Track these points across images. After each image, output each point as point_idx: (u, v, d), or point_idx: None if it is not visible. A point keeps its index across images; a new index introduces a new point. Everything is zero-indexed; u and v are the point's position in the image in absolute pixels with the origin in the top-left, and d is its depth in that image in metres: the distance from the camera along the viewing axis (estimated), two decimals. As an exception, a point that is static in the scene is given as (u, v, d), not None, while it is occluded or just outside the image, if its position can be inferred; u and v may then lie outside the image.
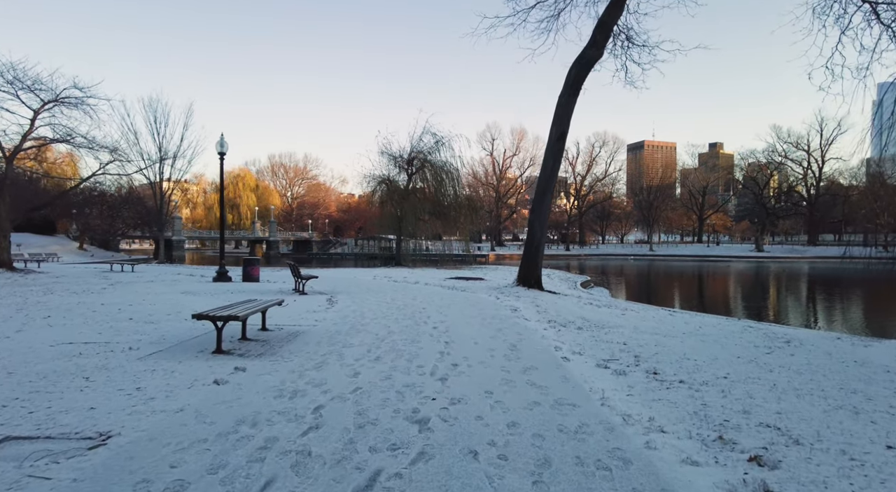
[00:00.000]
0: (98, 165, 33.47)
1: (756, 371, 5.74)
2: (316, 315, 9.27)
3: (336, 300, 11.90)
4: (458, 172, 32.39)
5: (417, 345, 6.51)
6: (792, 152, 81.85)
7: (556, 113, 15.19)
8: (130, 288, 14.21)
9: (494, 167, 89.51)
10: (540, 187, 15.42)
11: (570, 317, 9.85)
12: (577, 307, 11.70)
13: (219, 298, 12.07)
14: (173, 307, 9.97)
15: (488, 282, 19.43)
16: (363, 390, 4.45)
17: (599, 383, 4.99)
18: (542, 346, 6.68)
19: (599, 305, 12.52)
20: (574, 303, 12.78)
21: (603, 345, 7.03)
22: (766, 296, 23.81)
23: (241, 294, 13.23)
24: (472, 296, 13.39)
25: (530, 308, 11.01)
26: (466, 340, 6.96)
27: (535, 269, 15.27)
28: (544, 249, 15.83)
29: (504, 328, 7.96)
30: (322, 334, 7.26)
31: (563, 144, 15.26)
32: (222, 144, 17.93)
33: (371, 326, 8.07)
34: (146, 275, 20.77)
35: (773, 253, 73.64)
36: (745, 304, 20.61)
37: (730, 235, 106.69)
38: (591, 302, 13.23)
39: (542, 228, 15.30)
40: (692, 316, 11.95)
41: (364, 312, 9.76)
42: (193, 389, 4.42)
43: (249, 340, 6.83)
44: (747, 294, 24.90)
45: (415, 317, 9.12)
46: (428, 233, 35.80)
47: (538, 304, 11.87)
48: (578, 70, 14.95)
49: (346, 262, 58.25)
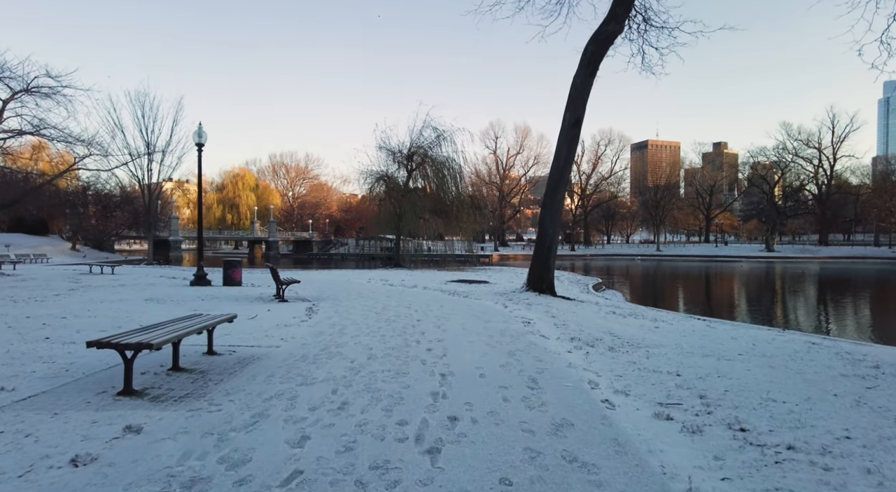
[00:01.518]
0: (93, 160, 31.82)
1: (880, 422, 4.03)
2: (285, 331, 7.59)
3: (317, 309, 10.22)
4: (460, 168, 30.62)
5: (403, 380, 4.81)
6: (802, 150, 79.81)
7: (571, 96, 13.48)
8: (89, 295, 12.56)
9: (498, 166, 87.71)
10: (552, 181, 13.70)
11: (595, 332, 8.13)
12: (599, 318, 9.98)
13: (183, 307, 10.42)
14: (116, 321, 8.29)
15: (493, 286, 17.73)
16: (304, 478, 2.76)
17: (673, 454, 3.28)
18: (572, 380, 4.97)
19: (624, 315, 10.79)
20: (594, 312, 11.06)
21: (650, 377, 5.31)
22: (795, 300, 22.02)
23: (212, 301, 11.57)
24: (476, 303, 11.69)
25: (545, 320, 9.29)
26: (470, 370, 5.26)
27: (547, 272, 13.56)
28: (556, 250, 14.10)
29: (518, 352, 6.25)
30: (281, 362, 5.57)
31: (578, 131, 13.55)
32: (200, 135, 16.30)
33: (349, 347, 6.38)
34: (123, 278, 19.14)
35: (784, 253, 71.65)
36: (778, 309, 18.82)
37: (737, 234, 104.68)
38: (613, 310, 11.51)
39: (554, 226, 13.58)
40: (734, 327, 10.21)
41: (346, 325, 8.06)
42: (28, 477, 2.73)
43: (182, 371, 5.14)
44: (774, 298, 23.10)
45: (406, 333, 7.42)
46: (429, 233, 34.00)
47: (554, 314, 10.15)
48: (596, 47, 13.23)
49: (347, 262, 56.69)
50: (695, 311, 16.69)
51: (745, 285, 29.59)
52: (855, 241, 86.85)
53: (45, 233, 56.26)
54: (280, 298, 12.03)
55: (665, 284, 31.56)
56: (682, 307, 18.13)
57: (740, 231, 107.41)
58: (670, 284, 31.20)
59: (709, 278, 34.73)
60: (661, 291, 26.64)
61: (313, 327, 7.90)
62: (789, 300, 21.97)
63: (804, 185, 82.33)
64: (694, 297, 23.36)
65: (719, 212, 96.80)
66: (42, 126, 18.13)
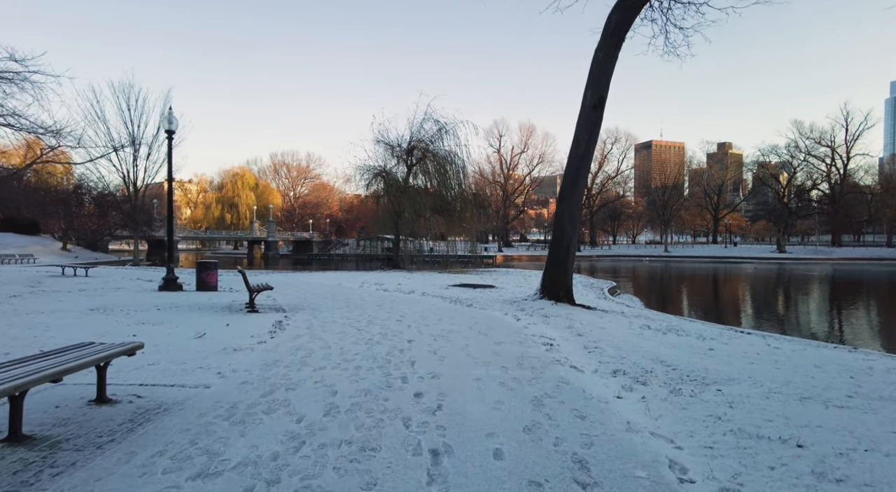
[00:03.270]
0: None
1: None
2: (231, 359, 5.71)
3: (288, 324, 8.35)
4: (463, 164, 28.58)
5: (369, 468, 2.91)
6: (815, 148, 77.49)
7: (592, 73, 11.58)
8: (30, 302, 10.75)
9: (502, 165, 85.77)
10: (570, 171, 11.78)
11: (639, 359, 6.23)
12: (635, 336, 8.06)
13: (131, 319, 8.68)
14: (15, 343, 6.44)
15: (501, 291, 15.83)
16: None
17: None
18: (644, 464, 3.06)
19: (662, 330, 8.87)
20: (625, 326, 9.15)
21: (760, 452, 3.39)
22: (831, 306, 20.03)
23: (169, 312, 9.73)
24: (483, 315, 9.78)
25: (571, 339, 7.38)
26: (478, 441, 3.36)
27: (565, 276, 11.64)
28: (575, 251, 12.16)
29: (547, 398, 4.34)
30: (194, 420, 3.69)
31: (600, 113, 11.64)
32: (170, 121, 14.47)
33: (304, 390, 4.49)
34: (90, 282, 17.36)
35: (797, 254, 69.47)
36: (819, 318, 16.84)
37: (744, 235, 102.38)
38: (646, 324, 9.59)
39: (573, 222, 11.65)
40: (801, 346, 8.25)
41: (312, 351, 6.17)
42: None
43: (20, 443, 3.26)
44: (807, 303, 21.11)
45: (390, 363, 5.53)
46: (430, 232, 31.98)
47: (579, 330, 8.25)
48: (621, 14, 11.33)
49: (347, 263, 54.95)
50: (729, 320, 14.75)
51: (769, 289, 27.54)
52: (866, 242, 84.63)
53: (36, 233, 54.76)
54: (250, 308, 10.18)
55: (682, 287, 29.56)
56: (712, 315, 16.20)
57: (748, 232, 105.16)
58: (688, 288, 29.20)
59: (727, 281, 32.71)
60: (682, 296, 24.65)
61: (270, 353, 6.01)
62: (823, 306, 19.98)
63: (817, 184, 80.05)
64: (720, 302, 21.35)
65: (728, 212, 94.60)
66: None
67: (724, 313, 16.77)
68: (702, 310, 18.43)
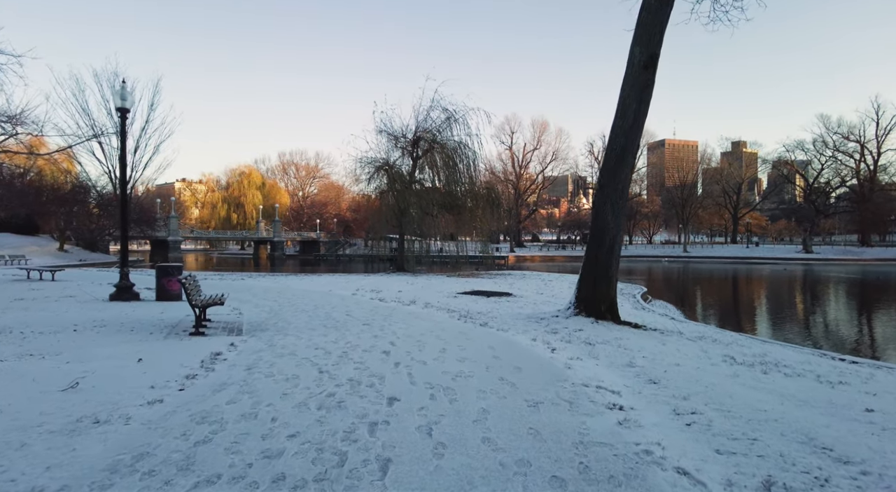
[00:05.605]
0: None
1: None
2: (72, 444, 3.21)
3: (227, 358, 5.87)
4: (474, 155, 25.81)
5: None
6: (843, 144, 73.65)
7: (641, 22, 8.96)
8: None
9: (514, 162, 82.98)
10: (614, 149, 9.13)
11: (780, 443, 3.62)
12: (733, 383, 5.42)
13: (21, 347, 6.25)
14: None
15: (520, 301, 13.26)
16: None
17: None
18: None
19: (755, 365, 6.21)
20: (705, 361, 6.50)
21: None
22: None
23: (88, 333, 7.31)
24: (503, 341, 7.20)
25: (646, 394, 4.75)
26: None
27: (608, 285, 8.99)
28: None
29: None
30: None
31: (652, 74, 9.01)
32: (123, 97, 12.13)
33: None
34: (48, 287, 15.19)
35: (825, 254, 65.90)
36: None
37: (763, 235, 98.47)
38: (728, 355, 6.93)
39: (617, 215, 8.98)
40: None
41: (227, 422, 3.65)
42: None
43: None
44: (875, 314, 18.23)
45: (343, 467, 3.00)
46: (438, 231, 29.33)
47: (647, 370, 5.63)
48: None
49: (354, 264, 52.75)
50: (801, 338, 12.03)
51: (822, 295, 24.52)
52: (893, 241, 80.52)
53: (35, 233, 53.21)
54: (195, 330, 7.71)
55: (715, 292, 26.71)
56: (777, 331, 13.47)
57: (768, 231, 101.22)
58: (722, 293, 26.35)
59: (762, 285, 29.71)
60: (720, 303, 21.83)
61: (150, 431, 3.50)
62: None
63: (845, 181, 76.16)
64: (775, 313, 18.37)
65: (748, 211, 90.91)
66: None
67: (788, 329, 13.99)
68: (756, 322, 15.68)
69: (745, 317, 16.81)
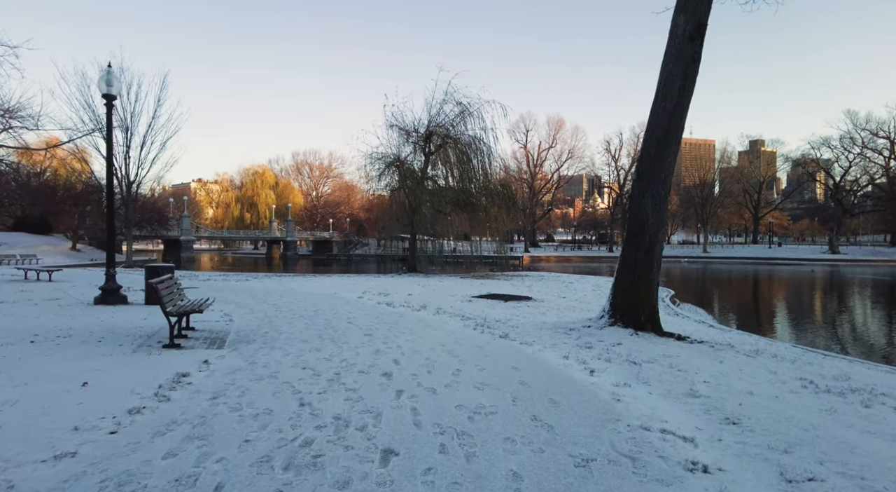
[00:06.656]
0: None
1: None
2: None
3: (196, 380, 4.79)
4: (489, 150, 24.54)
5: None
6: (871, 141, 70.86)
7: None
8: None
9: (529, 161, 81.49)
10: (655, 133, 7.89)
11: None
12: (833, 423, 4.19)
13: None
14: None
15: (542, 306, 12.05)
16: None
17: None
18: None
19: (856, 396, 4.96)
20: (780, 386, 5.26)
21: None
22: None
23: (50, 344, 6.29)
24: (530, 360, 6.03)
25: (727, 440, 3.55)
26: None
27: (648, 291, 7.74)
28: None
29: None
30: None
31: (699, 47, 7.77)
32: (109, 82, 11.15)
33: None
34: (40, 288, 14.42)
35: (853, 255, 63.41)
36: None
37: (785, 235, 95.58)
38: (805, 378, 5.68)
39: (659, 209, 7.74)
40: None
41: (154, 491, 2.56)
42: None
43: None
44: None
45: None
46: (451, 231, 28.15)
47: (713, 400, 4.42)
48: None
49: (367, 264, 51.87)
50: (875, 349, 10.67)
51: (862, 299, 22.87)
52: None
53: (48, 232, 53.22)
54: (170, 341, 6.67)
55: (745, 295, 25.16)
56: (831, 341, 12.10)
57: (790, 231, 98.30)
58: (753, 296, 24.79)
59: (796, 287, 28.03)
60: (753, 308, 20.35)
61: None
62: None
63: (874, 179, 73.33)
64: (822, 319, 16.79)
65: (770, 210, 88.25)
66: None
67: (845, 340, 12.57)
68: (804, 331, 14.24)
69: (787, 324, 15.36)
